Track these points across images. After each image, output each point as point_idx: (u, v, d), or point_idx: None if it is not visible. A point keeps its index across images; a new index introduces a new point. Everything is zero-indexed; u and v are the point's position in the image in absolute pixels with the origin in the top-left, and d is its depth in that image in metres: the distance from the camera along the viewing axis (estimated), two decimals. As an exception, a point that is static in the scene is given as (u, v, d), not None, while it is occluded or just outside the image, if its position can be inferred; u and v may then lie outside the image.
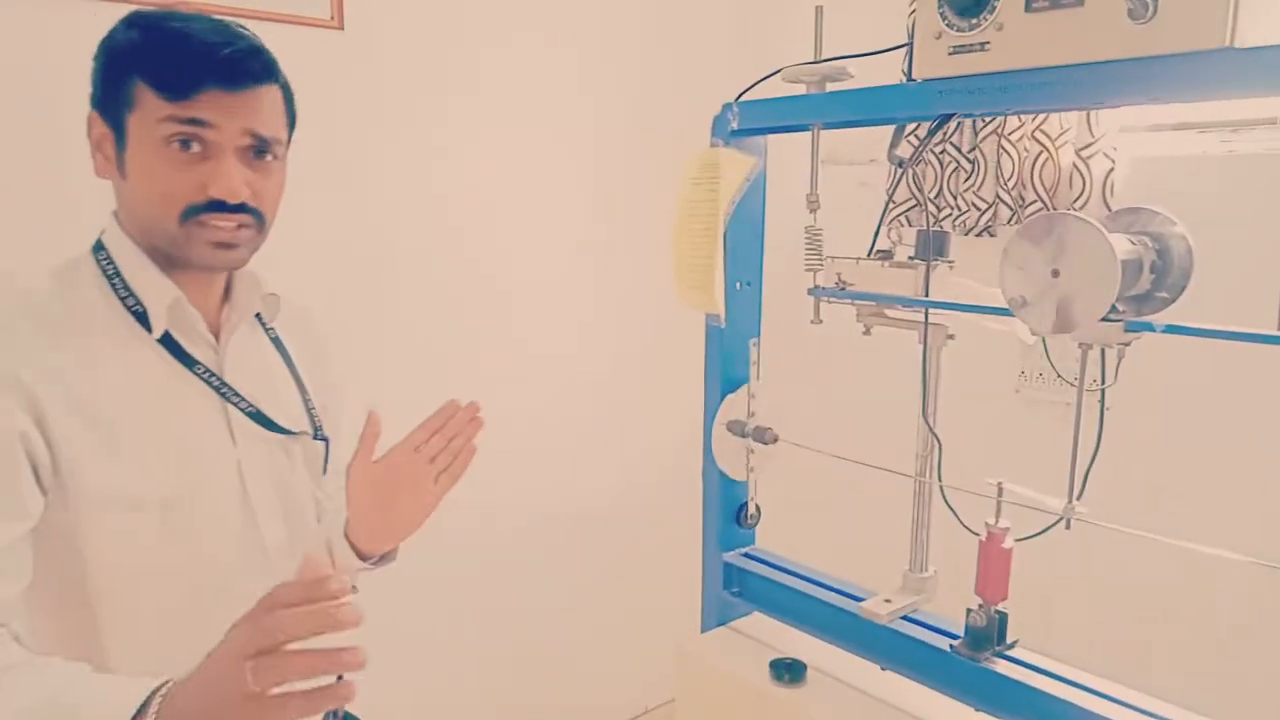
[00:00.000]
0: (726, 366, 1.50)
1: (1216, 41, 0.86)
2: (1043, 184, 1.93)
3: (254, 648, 0.68)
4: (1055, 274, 0.99)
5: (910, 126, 1.41)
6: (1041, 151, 1.93)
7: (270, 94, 1.01)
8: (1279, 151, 1.71)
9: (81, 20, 1.53)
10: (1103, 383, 1.11)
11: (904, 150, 1.33)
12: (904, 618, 1.30)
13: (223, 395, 1.01)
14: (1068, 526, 1.11)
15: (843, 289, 1.30)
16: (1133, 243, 1.03)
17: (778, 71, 1.34)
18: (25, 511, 0.87)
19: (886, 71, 1.23)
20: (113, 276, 0.96)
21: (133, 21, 0.95)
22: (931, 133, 1.22)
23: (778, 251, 1.53)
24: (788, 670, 1.32)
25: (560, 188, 2.22)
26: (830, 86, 1.30)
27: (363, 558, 1.06)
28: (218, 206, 0.95)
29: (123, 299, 0.96)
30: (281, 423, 1.05)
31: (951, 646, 1.21)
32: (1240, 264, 1.50)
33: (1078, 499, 1.11)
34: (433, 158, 1.93)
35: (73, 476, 0.90)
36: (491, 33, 2.04)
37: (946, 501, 1.27)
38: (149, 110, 0.92)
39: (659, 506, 2.22)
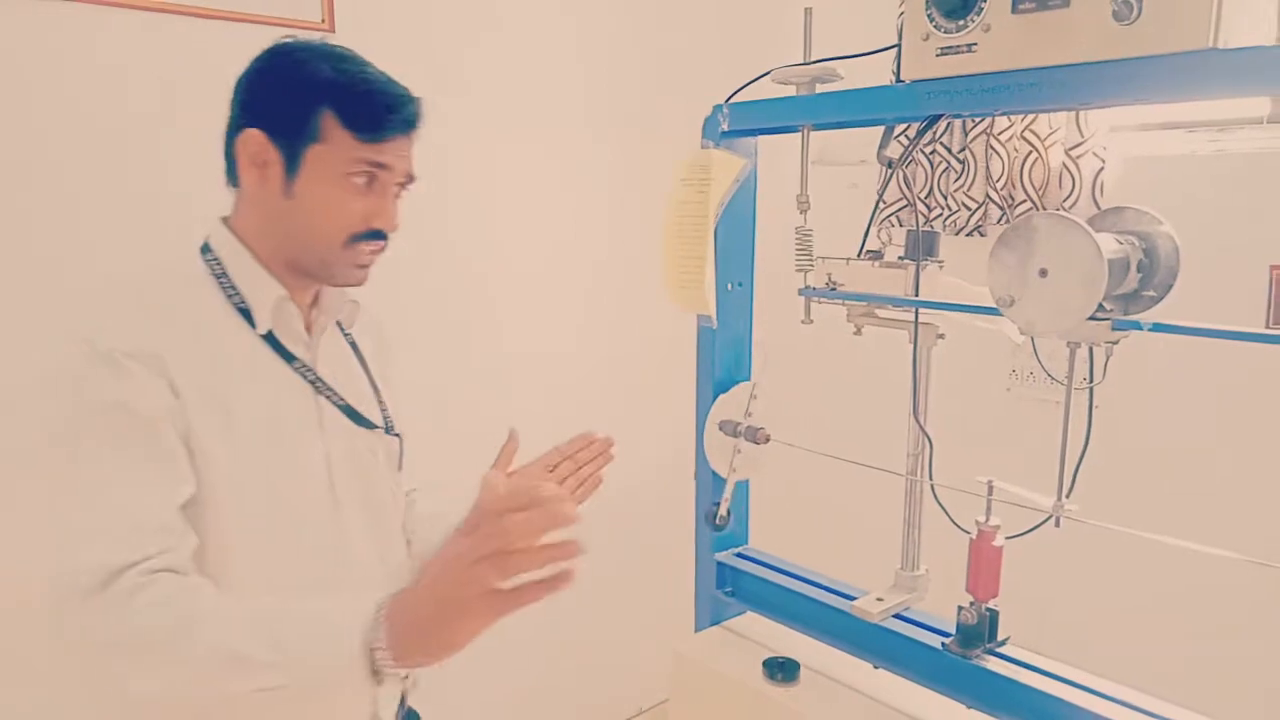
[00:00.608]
0: (719, 367, 1.51)
1: (1200, 42, 0.87)
2: (1032, 184, 1.94)
3: (488, 550, 0.77)
4: (1043, 273, 1.00)
5: (900, 127, 1.42)
6: (1031, 151, 1.94)
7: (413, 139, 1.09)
8: (1266, 150, 1.72)
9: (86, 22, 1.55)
10: (1091, 381, 1.12)
11: (893, 151, 1.33)
12: (896, 616, 1.31)
13: (316, 389, 1.07)
14: (1057, 524, 1.12)
15: (833, 289, 1.31)
16: (1119, 242, 1.04)
17: (768, 73, 1.35)
18: (189, 476, 0.94)
19: (878, 73, 1.23)
20: (220, 276, 1.03)
21: (318, 54, 1.03)
22: (920, 133, 1.23)
23: (769, 252, 1.54)
24: (781, 669, 1.32)
25: (551, 189, 2.22)
26: (820, 88, 1.30)
27: None
28: (374, 235, 1.05)
29: (229, 296, 1.02)
30: (367, 417, 1.11)
31: (943, 644, 1.22)
32: (1229, 263, 1.51)
33: (1067, 497, 1.12)
34: (424, 160, 1.93)
35: (201, 456, 0.95)
36: (482, 34, 2.04)
37: (938, 500, 1.27)
38: (338, 146, 1.00)
39: (653, 507, 2.23)
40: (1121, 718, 1.06)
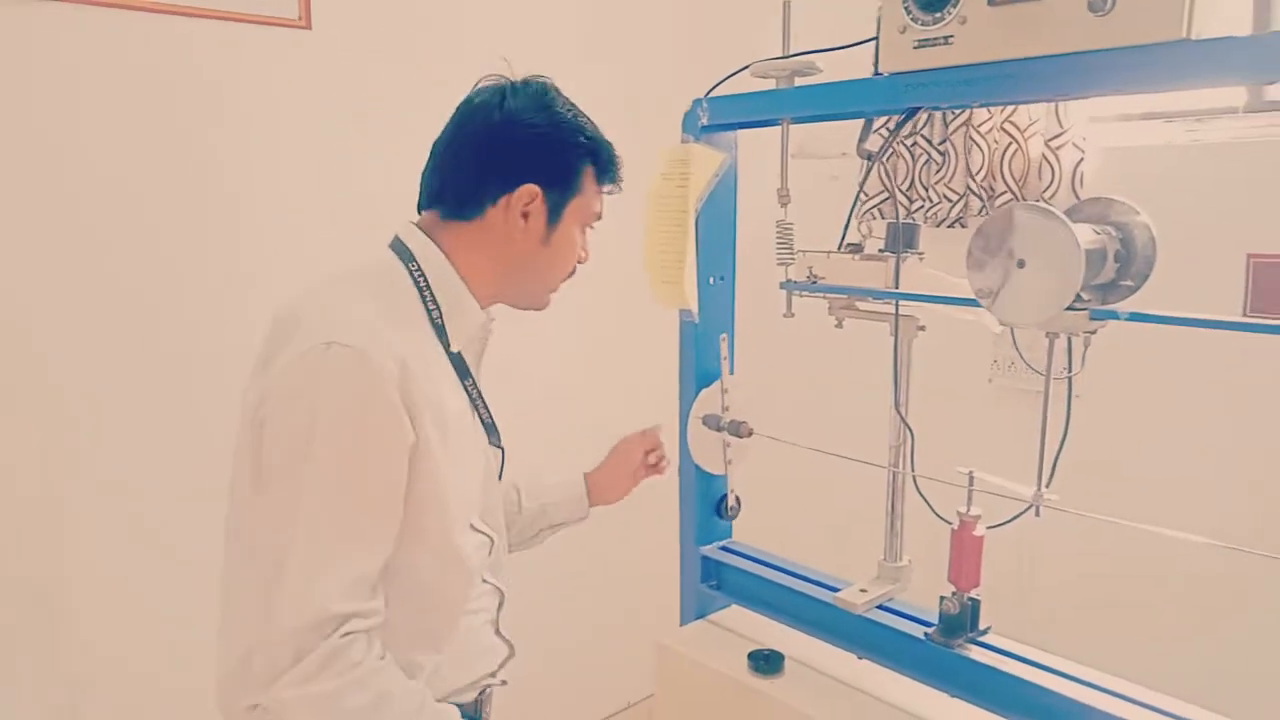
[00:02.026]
0: (700, 361, 1.51)
1: (1174, 33, 0.87)
2: (1013, 175, 1.95)
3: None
4: (1021, 264, 1.00)
5: (880, 120, 1.42)
6: (1011, 143, 1.94)
7: None
8: (1242, 140, 1.73)
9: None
10: (1070, 371, 1.13)
11: (873, 144, 1.34)
12: (879, 607, 1.31)
13: (475, 408, 1.13)
14: (1037, 514, 1.13)
15: (814, 282, 1.31)
16: (1096, 232, 1.05)
17: (746, 67, 1.34)
18: (395, 529, 0.97)
19: (857, 66, 1.23)
20: (423, 289, 1.06)
21: (568, 111, 1.12)
22: (899, 126, 1.23)
23: (750, 246, 1.54)
24: (766, 661, 1.33)
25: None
26: (799, 81, 1.30)
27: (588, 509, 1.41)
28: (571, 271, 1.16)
29: (429, 309, 1.06)
30: (499, 434, 1.18)
31: (926, 634, 1.22)
32: (1207, 252, 1.52)
33: (1047, 486, 1.12)
34: (404, 156, 1.92)
35: (425, 460, 0.98)
36: (459, 31, 2.03)
37: (919, 491, 1.28)
38: (590, 198, 1.13)
39: (638, 502, 2.22)
40: (1103, 705, 1.06)
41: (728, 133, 1.44)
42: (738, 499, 1.56)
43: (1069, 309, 0.99)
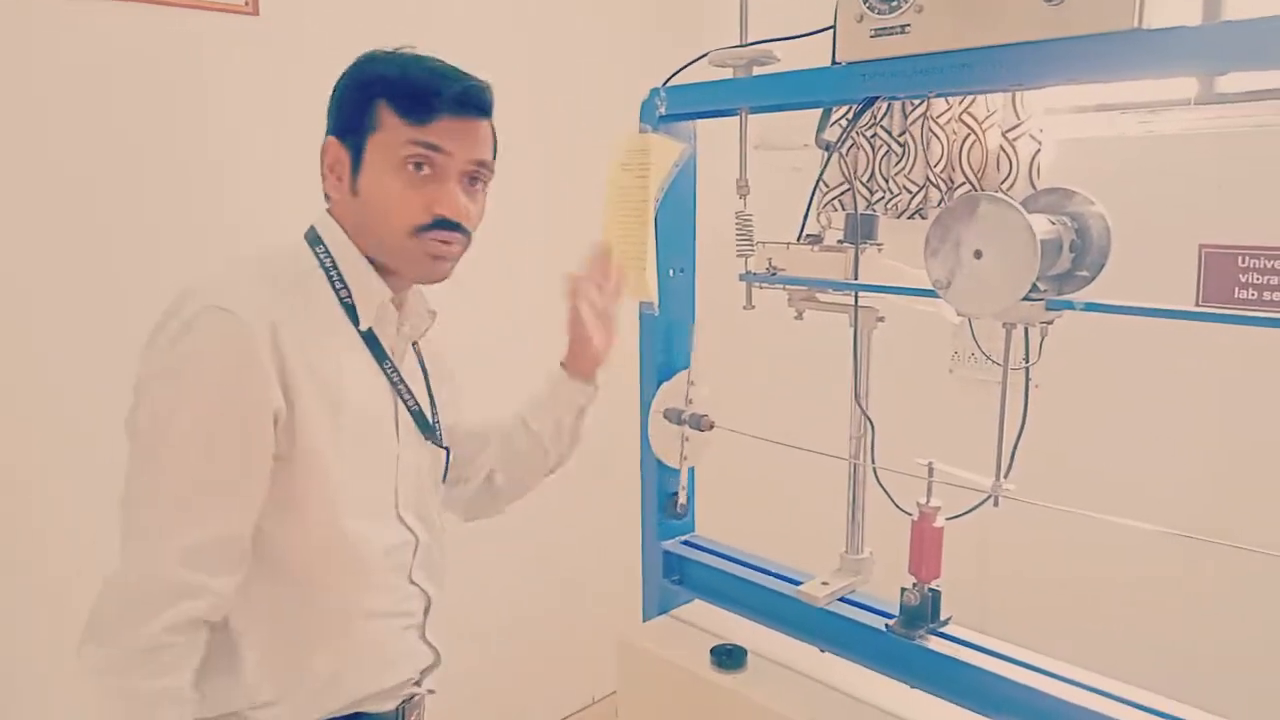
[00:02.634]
0: (662, 354, 1.49)
1: (1125, 23, 0.87)
2: (971, 166, 1.96)
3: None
4: (977, 255, 1.00)
5: (839, 110, 1.41)
6: (969, 134, 1.95)
7: (487, 128, 1.10)
8: (1194, 131, 1.76)
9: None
10: (1027, 361, 1.13)
11: (832, 134, 1.33)
12: (841, 599, 1.31)
13: (397, 392, 1.09)
14: (996, 504, 1.13)
15: (773, 274, 1.30)
16: (1052, 222, 1.05)
17: (704, 55, 1.33)
18: (259, 500, 0.95)
19: (817, 55, 1.22)
20: (330, 269, 1.04)
21: (375, 56, 1.06)
22: (857, 116, 1.23)
23: (710, 237, 1.53)
24: (728, 656, 1.32)
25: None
26: (757, 70, 1.29)
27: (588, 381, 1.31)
28: (440, 225, 1.04)
29: (336, 290, 1.04)
30: (432, 425, 1.14)
31: (887, 626, 1.22)
32: (1160, 242, 1.54)
33: (1005, 476, 1.13)
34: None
35: (303, 433, 0.96)
36: (411, 19, 2.00)
37: (880, 483, 1.28)
38: (390, 133, 1.02)
39: (599, 496, 2.21)
40: (1062, 694, 1.07)
41: (686, 122, 1.42)
42: (688, 498, 1.54)
43: (1025, 299, 0.99)
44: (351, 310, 1.05)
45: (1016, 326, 1.09)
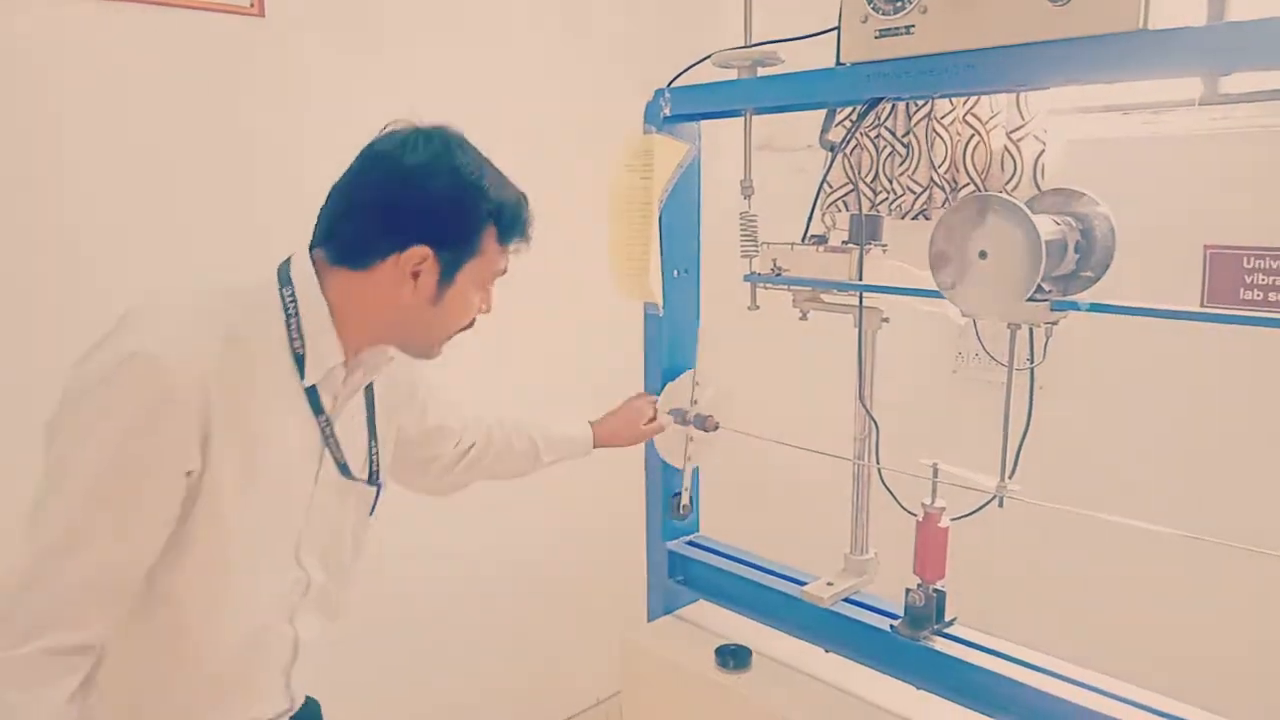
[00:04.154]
0: (666, 355, 1.50)
1: (1129, 24, 0.88)
2: (975, 167, 1.96)
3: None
4: (983, 255, 1.00)
5: (843, 111, 1.42)
6: (973, 135, 1.95)
7: None
8: (1199, 132, 1.75)
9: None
10: (1032, 361, 1.13)
11: (836, 135, 1.33)
12: (846, 600, 1.31)
13: (327, 445, 1.08)
14: (1000, 505, 1.13)
15: (778, 274, 1.30)
16: (1057, 223, 1.05)
17: (709, 57, 1.33)
18: (157, 544, 0.95)
19: (822, 56, 1.22)
20: (290, 316, 1.02)
21: (476, 168, 1.04)
22: (861, 116, 1.23)
23: (715, 238, 1.53)
24: (733, 656, 1.32)
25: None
26: (761, 71, 1.29)
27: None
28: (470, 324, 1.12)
29: (291, 340, 1.01)
30: (355, 472, 1.12)
31: (892, 626, 1.22)
32: (1166, 243, 1.53)
33: (1010, 477, 1.13)
34: (356, 147, 1.89)
35: (210, 490, 0.96)
36: (416, 21, 2.00)
37: (884, 483, 1.28)
38: (489, 258, 1.06)
39: (604, 497, 2.21)
40: (1067, 694, 1.07)
41: (691, 124, 1.42)
42: (691, 499, 1.55)
43: (1030, 300, 0.99)
44: (300, 360, 1.02)
45: (1021, 327, 1.09)
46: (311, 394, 1.04)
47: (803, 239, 1.30)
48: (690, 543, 1.55)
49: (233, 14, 1.70)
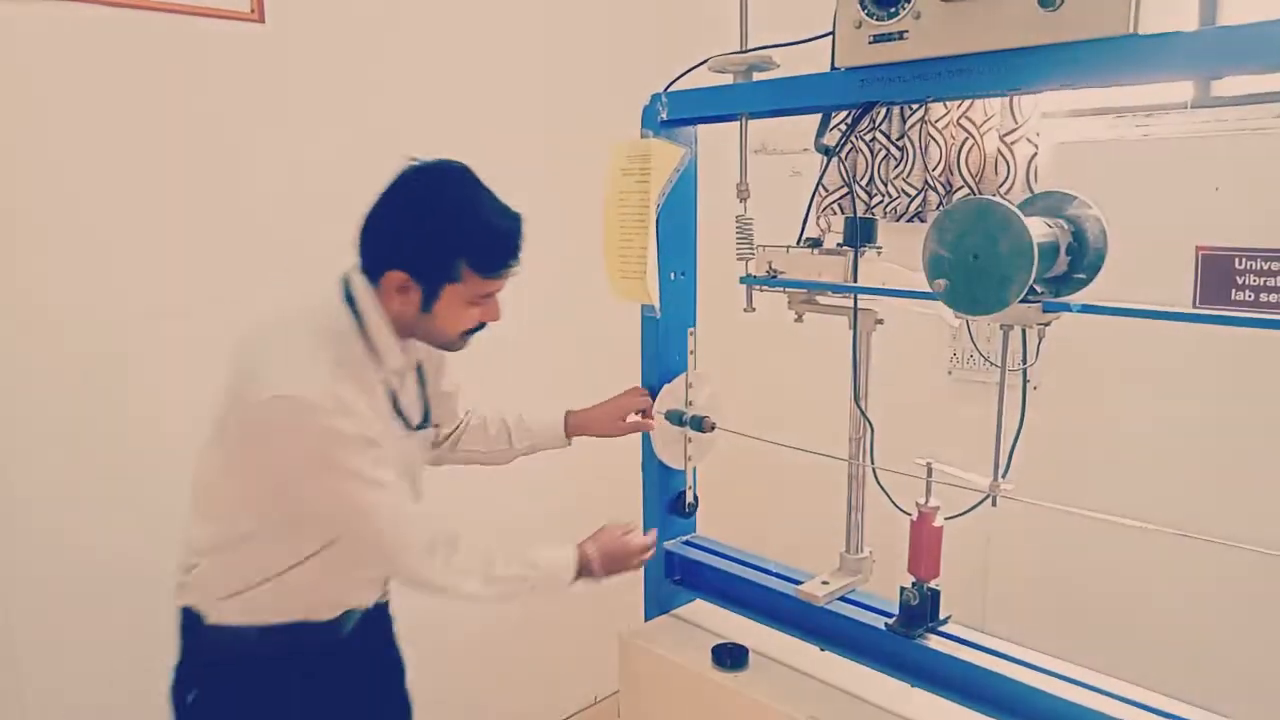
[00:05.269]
0: (663, 357, 1.51)
1: (1119, 28, 0.89)
2: (969, 170, 1.97)
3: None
4: (975, 257, 1.01)
5: (838, 115, 1.42)
6: (967, 138, 1.96)
7: None
8: (1190, 135, 1.77)
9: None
10: (1024, 362, 1.14)
11: (831, 138, 1.34)
12: (841, 599, 1.32)
13: (396, 410, 1.30)
14: (994, 504, 1.14)
15: (773, 277, 1.31)
16: (1049, 225, 1.06)
17: (705, 61, 1.34)
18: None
19: (817, 61, 1.23)
20: (360, 328, 1.22)
21: (451, 200, 1.20)
22: (856, 120, 1.24)
23: (711, 241, 1.54)
24: (729, 655, 1.33)
25: (486, 181, 2.20)
26: (756, 76, 1.31)
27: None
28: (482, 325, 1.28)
29: (368, 350, 1.23)
30: (414, 423, 1.35)
31: (887, 625, 1.23)
32: (1157, 244, 1.55)
33: (1004, 476, 1.14)
34: (355, 153, 1.90)
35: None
36: (415, 27, 2.01)
37: (879, 483, 1.29)
38: (469, 285, 1.21)
39: (602, 497, 2.22)
40: (1061, 692, 1.08)
41: (687, 127, 1.43)
42: (696, 496, 1.57)
43: (1022, 301, 1.01)
44: (376, 356, 1.24)
45: (1014, 328, 1.10)
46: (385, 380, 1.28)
47: (798, 242, 1.31)
48: (687, 542, 1.56)
49: (232, 20, 1.71)
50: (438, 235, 1.19)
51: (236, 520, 1.22)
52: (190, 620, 1.27)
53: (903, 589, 1.22)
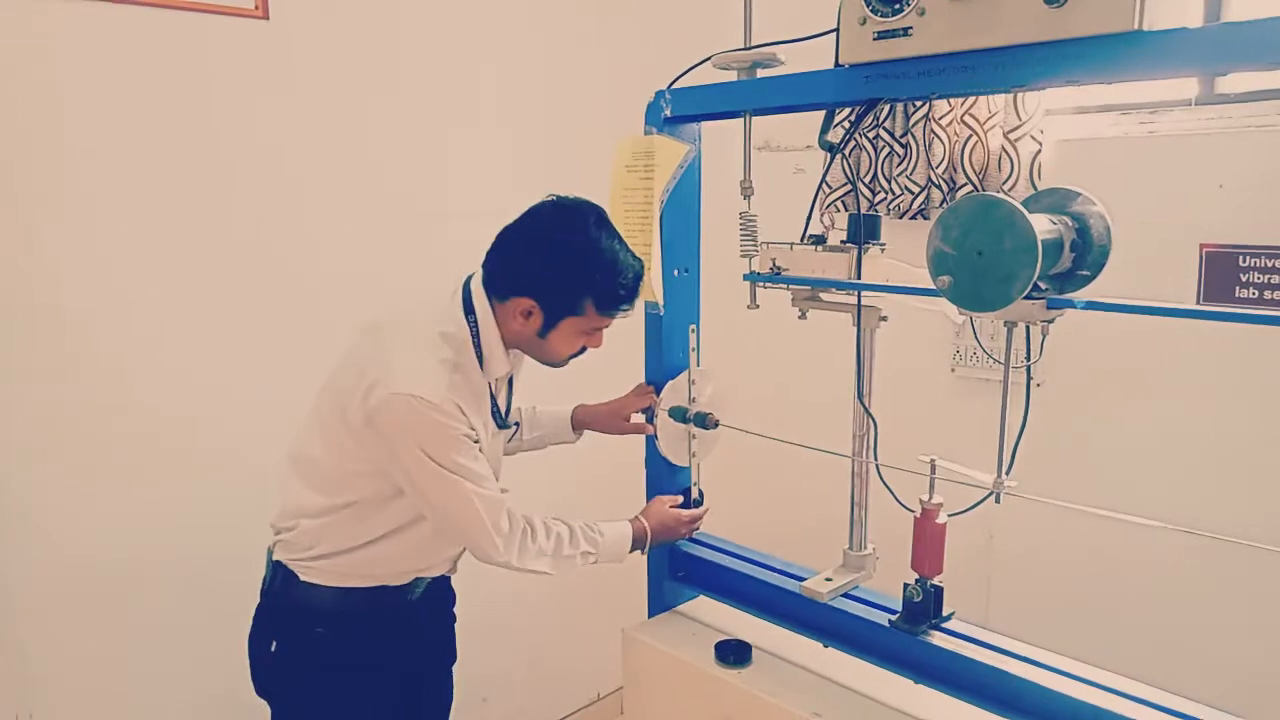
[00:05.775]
0: (666, 353, 1.51)
1: (1125, 24, 0.89)
2: (973, 167, 1.97)
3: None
4: (979, 254, 1.01)
5: (842, 112, 1.43)
6: (971, 135, 1.96)
7: None
8: (1195, 132, 1.76)
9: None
10: (1028, 359, 1.14)
11: (835, 135, 1.34)
12: (845, 595, 1.33)
13: (494, 415, 1.42)
14: (997, 501, 1.14)
15: (777, 274, 1.31)
16: (1053, 222, 1.06)
17: (709, 58, 1.34)
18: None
19: (821, 57, 1.23)
20: (475, 337, 1.34)
21: (590, 246, 1.28)
22: (860, 117, 1.23)
23: (715, 237, 1.54)
24: (733, 652, 1.33)
25: (489, 178, 2.20)
26: (760, 73, 1.31)
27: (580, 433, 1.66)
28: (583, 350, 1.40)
29: (478, 357, 1.35)
30: (505, 421, 1.47)
31: (890, 621, 1.23)
32: (1161, 242, 1.55)
33: (1007, 473, 1.14)
34: (359, 149, 1.90)
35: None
36: (419, 23, 2.01)
37: (882, 480, 1.29)
38: (588, 319, 1.32)
39: (605, 494, 2.23)
40: (1064, 688, 1.08)
41: (691, 124, 1.44)
42: (700, 492, 1.57)
43: (1026, 298, 1.01)
44: (483, 364, 1.35)
45: (1018, 325, 1.10)
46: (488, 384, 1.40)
47: (801, 238, 1.31)
48: (690, 539, 1.56)
49: (236, 16, 1.71)
50: (571, 274, 1.29)
51: (343, 491, 1.34)
52: (283, 575, 1.39)
53: (906, 585, 1.22)
